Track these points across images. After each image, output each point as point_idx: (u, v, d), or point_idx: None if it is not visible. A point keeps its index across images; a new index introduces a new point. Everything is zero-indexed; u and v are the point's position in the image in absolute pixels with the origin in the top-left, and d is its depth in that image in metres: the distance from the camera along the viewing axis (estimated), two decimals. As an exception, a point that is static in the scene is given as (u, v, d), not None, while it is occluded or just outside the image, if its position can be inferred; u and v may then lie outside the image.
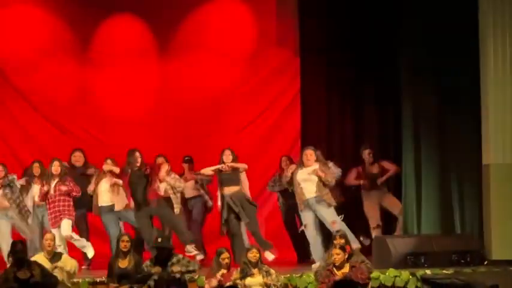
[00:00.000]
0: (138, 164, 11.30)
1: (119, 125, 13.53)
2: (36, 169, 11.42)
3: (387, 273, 10.48)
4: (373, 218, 12.23)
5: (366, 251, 11.09)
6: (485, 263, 11.20)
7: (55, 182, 11.19)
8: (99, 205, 11.47)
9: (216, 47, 13.75)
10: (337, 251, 9.03)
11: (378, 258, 11.00)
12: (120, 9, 13.85)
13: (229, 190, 11.30)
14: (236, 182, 11.34)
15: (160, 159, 11.66)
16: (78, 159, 11.96)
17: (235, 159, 11.42)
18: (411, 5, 12.11)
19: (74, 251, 11.25)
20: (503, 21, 11.45)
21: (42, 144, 13.29)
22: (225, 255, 9.46)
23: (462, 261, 11.07)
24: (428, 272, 10.54)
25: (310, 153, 11.04)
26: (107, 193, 11.45)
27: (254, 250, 9.46)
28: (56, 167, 11.24)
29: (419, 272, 10.50)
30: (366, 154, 12.30)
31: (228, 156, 11.38)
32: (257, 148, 13.23)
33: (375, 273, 10.20)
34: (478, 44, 11.60)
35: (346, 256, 9.13)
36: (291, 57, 13.47)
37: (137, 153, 11.35)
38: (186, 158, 12.38)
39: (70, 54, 13.72)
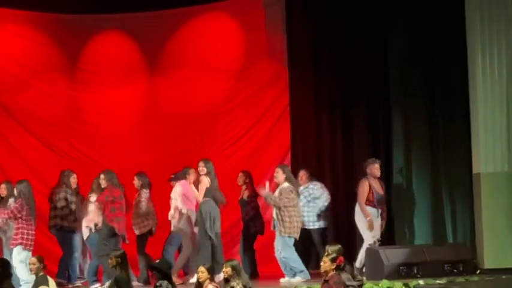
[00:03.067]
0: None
1: (107, 142, 13.54)
2: (1, 190, 11.36)
3: (380, 285, 10.37)
4: None
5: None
6: (478, 272, 11.16)
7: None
8: None
9: (205, 63, 13.78)
10: (325, 259, 8.85)
11: (370, 270, 10.93)
12: (107, 27, 13.90)
13: None
14: None
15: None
16: None
17: None
18: (399, 15, 12.17)
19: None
20: (490, 28, 11.46)
21: (31, 162, 13.29)
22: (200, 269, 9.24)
23: (455, 270, 11.02)
24: (421, 282, 10.43)
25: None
26: None
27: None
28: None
29: (413, 283, 10.40)
30: None
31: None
32: (248, 161, 13.19)
33: (367, 285, 10.16)
34: (467, 54, 11.63)
35: (334, 267, 8.89)
36: (280, 70, 13.42)
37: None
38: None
39: (58, 72, 13.78)
